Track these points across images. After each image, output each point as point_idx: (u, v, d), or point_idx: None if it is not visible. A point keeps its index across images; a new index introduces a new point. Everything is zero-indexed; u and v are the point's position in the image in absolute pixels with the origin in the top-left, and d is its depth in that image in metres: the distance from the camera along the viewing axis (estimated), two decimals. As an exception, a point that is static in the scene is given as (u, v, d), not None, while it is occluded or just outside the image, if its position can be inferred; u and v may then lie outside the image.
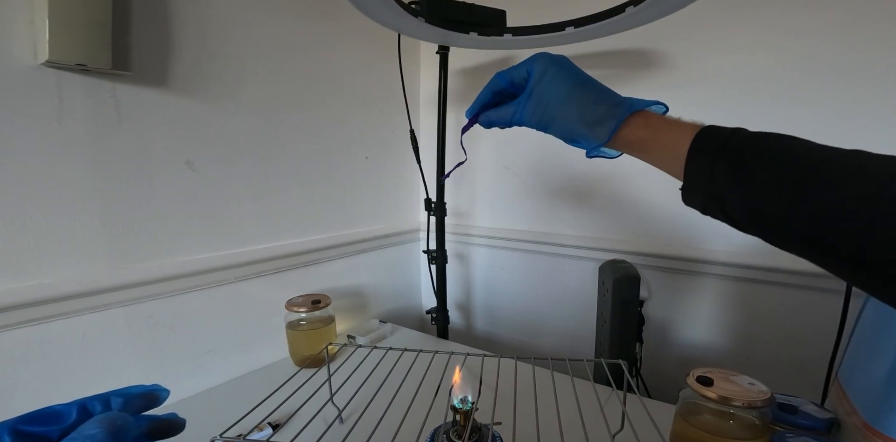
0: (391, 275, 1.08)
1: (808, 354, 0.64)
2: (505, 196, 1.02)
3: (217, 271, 0.68)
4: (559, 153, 0.91)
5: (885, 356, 0.39)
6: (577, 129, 0.34)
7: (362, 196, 0.96)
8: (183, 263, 0.65)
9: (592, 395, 0.42)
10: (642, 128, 0.32)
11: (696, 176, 0.28)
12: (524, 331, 1.05)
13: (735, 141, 0.27)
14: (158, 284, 0.62)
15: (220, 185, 0.69)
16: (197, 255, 0.67)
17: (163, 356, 0.64)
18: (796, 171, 0.25)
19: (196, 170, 0.66)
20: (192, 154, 0.65)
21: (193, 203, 0.66)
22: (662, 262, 0.81)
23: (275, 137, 0.77)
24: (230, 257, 0.70)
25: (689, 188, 0.29)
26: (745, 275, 0.73)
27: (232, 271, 0.70)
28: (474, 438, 0.40)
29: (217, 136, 0.68)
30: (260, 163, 0.75)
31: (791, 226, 0.24)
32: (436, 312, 0.97)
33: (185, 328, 0.66)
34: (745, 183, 0.26)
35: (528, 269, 1.01)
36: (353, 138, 0.92)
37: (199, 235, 0.67)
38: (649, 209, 0.83)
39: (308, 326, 0.71)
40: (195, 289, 0.66)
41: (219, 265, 0.68)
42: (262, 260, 0.74)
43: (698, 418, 0.47)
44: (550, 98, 0.34)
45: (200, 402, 0.63)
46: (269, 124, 0.76)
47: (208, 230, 0.68)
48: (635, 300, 0.71)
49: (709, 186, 0.27)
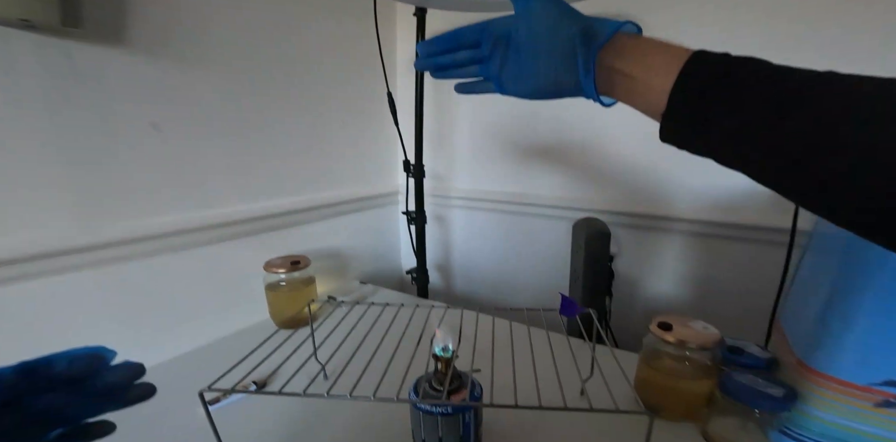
0: (371, 237, 1.09)
1: (756, 301, 0.69)
2: (482, 159, 1.03)
3: (191, 233, 0.67)
4: (535, 115, 0.92)
5: (816, 301, 0.43)
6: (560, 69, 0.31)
7: (340, 159, 0.95)
8: (154, 224, 0.63)
9: (566, 345, 0.45)
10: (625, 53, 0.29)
11: (685, 100, 0.26)
12: (501, 289, 1.09)
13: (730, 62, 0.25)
14: (129, 245, 0.61)
15: (191, 148, 0.67)
16: (169, 216, 0.65)
17: (140, 319, 0.64)
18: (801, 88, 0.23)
19: (163, 131, 0.63)
20: (158, 116, 0.63)
21: (161, 164, 0.64)
22: (632, 220, 0.85)
23: (248, 102, 0.74)
24: (204, 219, 0.69)
25: (674, 115, 0.27)
26: (705, 230, 0.78)
27: (207, 233, 0.69)
28: (455, 384, 0.43)
29: (185, 100, 0.66)
30: (233, 126, 0.73)
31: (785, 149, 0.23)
32: (416, 271, 0.99)
33: (161, 290, 0.66)
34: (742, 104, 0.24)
35: (505, 229, 1.04)
36: (329, 102, 0.90)
37: (171, 196, 0.66)
38: (621, 170, 0.86)
39: (288, 287, 0.72)
40: (170, 250, 0.65)
41: (193, 226, 0.67)
42: (238, 221, 0.74)
43: (659, 363, 0.51)
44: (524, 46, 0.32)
45: (182, 364, 0.64)
46: (242, 88, 0.73)
47: (180, 192, 0.67)
48: (606, 256, 0.75)
49: (699, 110, 0.25)
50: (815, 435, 0.41)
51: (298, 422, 0.50)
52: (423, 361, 0.42)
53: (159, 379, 0.27)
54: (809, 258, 0.50)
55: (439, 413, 0.41)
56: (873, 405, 0.38)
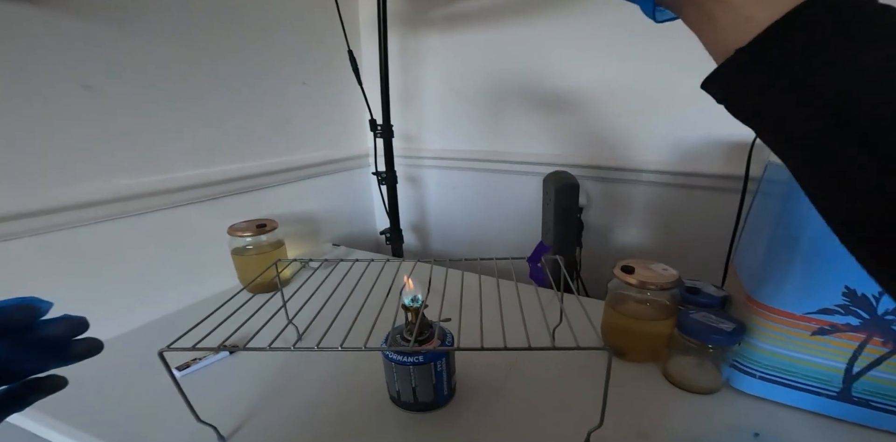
0: (342, 199, 1.07)
1: (715, 244, 0.73)
2: (452, 117, 1.01)
3: (143, 198, 0.64)
4: (503, 71, 0.90)
5: (762, 241, 0.45)
6: None
7: (304, 121, 0.91)
8: (100, 189, 0.60)
9: (536, 296, 0.46)
10: None
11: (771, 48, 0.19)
12: (477, 247, 1.11)
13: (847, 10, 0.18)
14: (73, 211, 0.57)
15: (135, 111, 0.63)
16: (116, 181, 0.62)
17: (94, 288, 0.62)
18: None
19: (97, 93, 0.58)
20: (89, 77, 0.57)
21: (102, 128, 0.60)
22: (600, 172, 0.86)
23: (199, 62, 0.69)
24: (155, 183, 0.65)
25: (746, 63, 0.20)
26: (668, 180, 0.80)
27: (163, 198, 0.66)
28: (426, 334, 0.44)
29: (125, 60, 0.60)
30: (184, 88, 0.68)
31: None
32: (389, 231, 0.99)
33: (115, 258, 0.63)
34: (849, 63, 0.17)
35: (478, 187, 1.04)
36: (287, 62, 0.85)
37: (116, 160, 0.62)
38: (589, 124, 0.86)
39: (256, 251, 0.70)
40: (121, 216, 0.62)
41: (143, 191, 0.64)
42: (194, 186, 0.70)
43: (623, 307, 0.54)
44: None
45: (146, 333, 0.63)
46: (188, 48, 0.68)
47: (127, 156, 0.63)
48: (575, 207, 0.76)
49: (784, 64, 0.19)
50: (761, 367, 0.45)
51: (271, 383, 0.51)
52: (393, 313, 0.42)
53: (125, 347, 0.27)
54: (758, 202, 0.52)
55: (411, 363, 0.42)
56: (810, 334, 0.41)
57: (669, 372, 0.50)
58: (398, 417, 0.45)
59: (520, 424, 0.44)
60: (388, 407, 0.46)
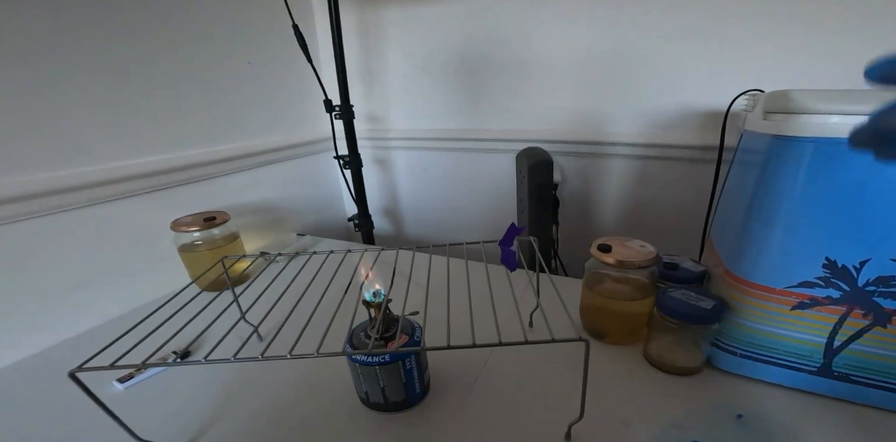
0: (306, 187, 1.01)
1: (692, 217, 0.71)
2: (418, 96, 0.95)
3: (67, 193, 0.57)
4: (469, 46, 0.85)
5: (739, 212, 0.43)
6: None
7: (253, 105, 0.84)
8: (10, 185, 0.52)
9: (515, 277, 0.43)
10: None
11: None
12: (452, 229, 1.08)
13: None
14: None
15: (40, 95, 0.55)
16: (29, 175, 0.54)
17: (11, 296, 0.55)
18: None
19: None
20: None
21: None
22: (574, 147, 0.83)
23: (119, 40, 0.62)
24: (74, 177, 0.58)
25: None
26: (644, 153, 0.78)
27: (83, 193, 0.59)
28: (392, 330, 0.41)
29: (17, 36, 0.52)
30: (99, 66, 0.60)
31: None
32: (358, 217, 0.94)
33: (33, 262, 0.56)
34: None
35: (449, 167, 1.00)
36: (228, 42, 0.77)
37: (23, 152, 0.54)
38: (561, 98, 0.82)
39: (206, 246, 0.65)
40: (35, 215, 0.55)
41: (60, 187, 0.57)
42: (123, 178, 0.63)
43: (601, 287, 0.51)
44: None
45: (77, 344, 0.56)
46: (102, 17, 0.59)
47: (38, 147, 0.55)
48: (549, 183, 0.73)
49: None
50: (742, 344, 0.43)
51: (227, 390, 0.47)
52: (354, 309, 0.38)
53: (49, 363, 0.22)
54: (734, 172, 0.50)
55: (377, 362, 0.39)
56: (790, 309, 0.39)
57: (650, 353, 0.48)
58: (369, 419, 0.42)
59: (498, 418, 0.41)
60: (358, 408, 0.43)
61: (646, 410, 0.41)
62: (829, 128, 0.34)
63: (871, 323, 0.37)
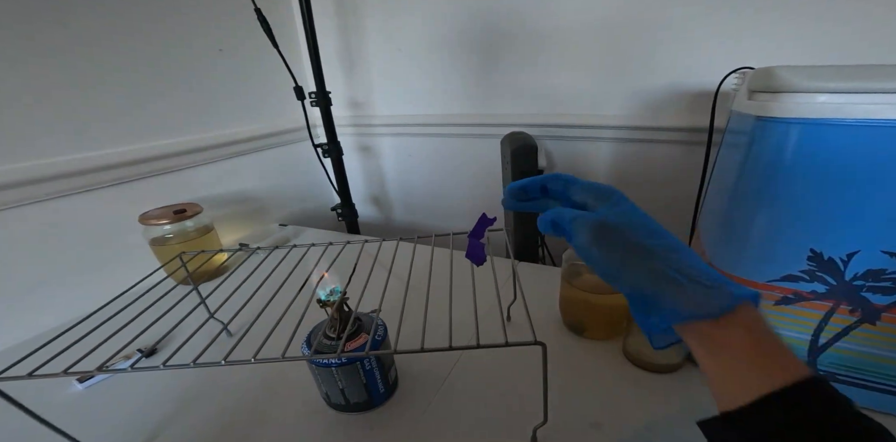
0: (289, 176, 0.98)
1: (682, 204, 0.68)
2: (401, 81, 0.92)
3: (11, 189, 0.55)
4: (452, 28, 0.80)
5: (723, 198, 0.40)
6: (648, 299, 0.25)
7: (224, 93, 0.81)
8: None
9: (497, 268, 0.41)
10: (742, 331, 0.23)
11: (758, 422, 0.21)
12: (440, 215, 1.05)
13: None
14: None
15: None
16: None
17: None
18: None
19: None
20: None
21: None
22: (560, 131, 0.79)
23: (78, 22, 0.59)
24: (21, 171, 0.55)
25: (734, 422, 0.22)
26: (632, 135, 0.74)
27: (39, 187, 0.57)
28: (352, 329, 0.39)
29: None
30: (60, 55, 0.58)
31: None
32: (341, 207, 0.92)
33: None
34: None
35: (435, 153, 0.97)
36: (194, 24, 0.74)
37: None
38: (547, 81, 0.78)
39: (178, 239, 0.63)
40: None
41: (11, 181, 0.54)
42: (80, 172, 0.60)
43: (580, 280, 0.49)
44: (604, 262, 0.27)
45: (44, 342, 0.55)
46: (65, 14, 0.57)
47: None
48: (534, 169, 0.70)
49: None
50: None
51: (190, 388, 0.45)
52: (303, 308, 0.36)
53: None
54: (722, 155, 0.47)
55: (335, 364, 0.37)
56: (774, 304, 0.37)
57: (628, 349, 0.46)
58: (331, 420, 0.41)
59: (465, 420, 0.40)
60: (321, 408, 0.42)
61: (620, 412, 0.39)
62: (816, 108, 0.30)
63: (859, 320, 0.35)
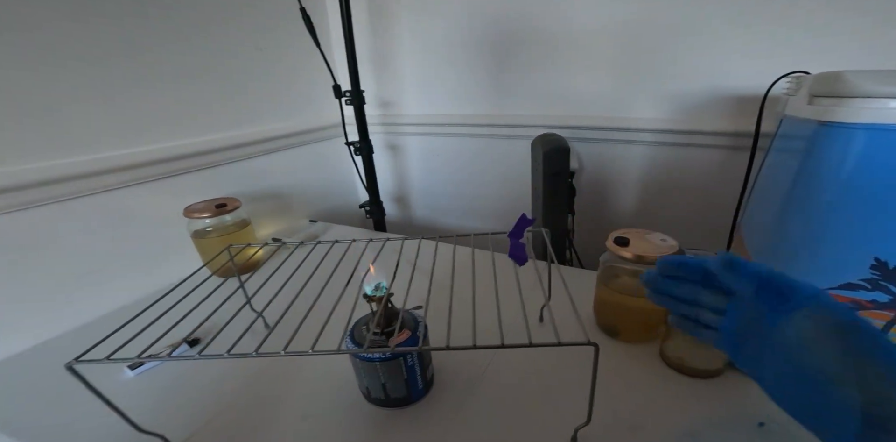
0: (317, 173, 1.00)
1: (721, 208, 0.67)
2: (432, 80, 0.92)
3: (70, 181, 0.57)
4: (486, 27, 0.80)
5: (774, 204, 0.39)
6: None
7: (262, 91, 0.82)
8: (13, 173, 0.52)
9: (528, 268, 0.41)
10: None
11: None
12: (466, 217, 1.05)
13: None
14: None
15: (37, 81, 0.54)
16: (33, 163, 0.54)
17: (24, 283, 0.56)
18: None
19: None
20: None
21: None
22: (593, 133, 0.78)
23: (120, 25, 0.60)
24: (82, 165, 0.58)
25: None
26: (668, 139, 0.73)
27: (93, 180, 0.59)
28: (393, 325, 0.39)
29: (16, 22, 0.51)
30: (108, 55, 0.60)
31: None
32: (369, 204, 0.93)
33: (46, 248, 0.57)
34: None
35: (463, 153, 0.97)
36: (237, 26, 0.76)
37: (21, 139, 0.54)
38: (579, 83, 0.77)
39: (218, 232, 0.65)
40: (45, 202, 0.56)
41: (70, 174, 0.57)
42: (129, 166, 0.63)
43: (616, 282, 0.49)
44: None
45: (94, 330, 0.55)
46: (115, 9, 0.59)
47: (36, 135, 0.55)
48: (565, 172, 0.69)
49: None
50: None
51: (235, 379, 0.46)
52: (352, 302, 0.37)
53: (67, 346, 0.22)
54: (771, 160, 0.46)
55: (378, 359, 0.38)
56: (829, 311, 0.36)
57: (666, 353, 0.46)
58: (369, 414, 0.41)
59: (502, 419, 0.40)
60: (360, 403, 0.42)
61: (659, 416, 0.39)
62: (885, 113, 0.29)
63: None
